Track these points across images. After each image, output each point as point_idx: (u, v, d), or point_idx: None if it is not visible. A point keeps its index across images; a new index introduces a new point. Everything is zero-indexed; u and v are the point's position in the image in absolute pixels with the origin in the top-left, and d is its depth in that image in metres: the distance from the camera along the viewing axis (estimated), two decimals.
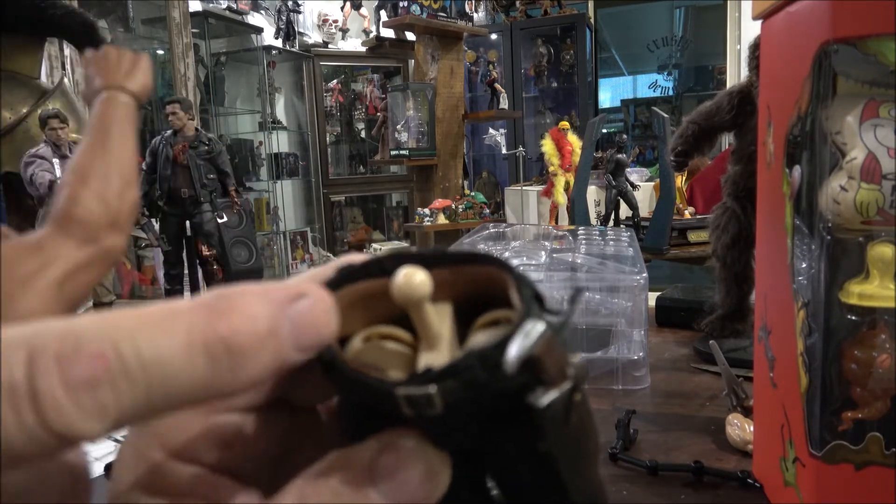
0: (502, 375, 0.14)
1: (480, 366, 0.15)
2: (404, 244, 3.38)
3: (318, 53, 4.13)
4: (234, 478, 0.18)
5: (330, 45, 4.25)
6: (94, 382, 0.12)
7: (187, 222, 1.19)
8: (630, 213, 2.58)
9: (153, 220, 1.20)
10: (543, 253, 1.04)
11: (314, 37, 4.25)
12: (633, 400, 0.77)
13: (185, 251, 1.21)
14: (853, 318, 0.41)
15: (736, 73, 3.51)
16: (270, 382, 0.18)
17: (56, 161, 1.03)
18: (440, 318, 0.18)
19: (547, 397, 0.15)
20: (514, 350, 0.15)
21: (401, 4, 3.19)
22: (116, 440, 0.76)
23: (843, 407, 0.41)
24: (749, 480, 0.56)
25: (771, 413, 0.51)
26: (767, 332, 0.51)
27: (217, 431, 0.18)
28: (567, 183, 2.88)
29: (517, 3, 4.70)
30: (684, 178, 2.69)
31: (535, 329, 0.15)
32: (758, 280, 0.56)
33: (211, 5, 3.28)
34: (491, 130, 3.88)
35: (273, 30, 3.86)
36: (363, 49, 3.96)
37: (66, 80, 1.73)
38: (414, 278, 0.16)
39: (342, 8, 4.16)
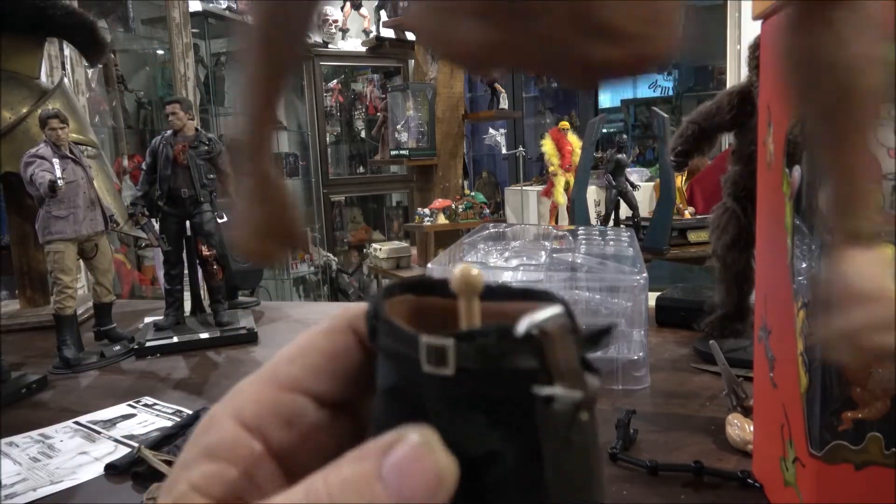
0: (511, 346, 0.16)
1: (496, 336, 0.16)
2: (404, 244, 3.38)
3: (318, 53, 4.13)
4: (285, 466, 0.19)
5: (330, 45, 4.24)
6: None
7: (187, 222, 1.19)
8: (630, 213, 2.58)
9: (153, 220, 1.20)
10: (543, 253, 1.04)
11: (314, 37, 4.24)
12: (633, 400, 0.77)
13: (185, 251, 1.21)
14: None
15: (736, 73, 3.51)
16: (342, 383, 0.20)
17: (56, 161, 1.02)
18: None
19: (550, 389, 0.16)
20: (526, 320, 0.16)
21: (401, 4, 3.19)
22: (118, 440, 0.76)
23: (843, 407, 0.41)
24: (749, 480, 0.56)
25: (771, 413, 0.51)
26: (767, 332, 0.51)
27: (285, 408, 0.19)
28: (567, 183, 2.87)
29: None
30: (684, 178, 2.68)
31: (550, 308, 0.16)
32: (758, 280, 0.56)
33: (211, 5, 3.28)
34: (491, 130, 3.87)
35: None
36: (363, 49, 3.96)
37: (66, 80, 1.73)
38: (471, 272, 0.18)
39: (342, 8, 4.16)
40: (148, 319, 1.26)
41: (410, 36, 3.34)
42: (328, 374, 0.20)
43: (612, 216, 2.64)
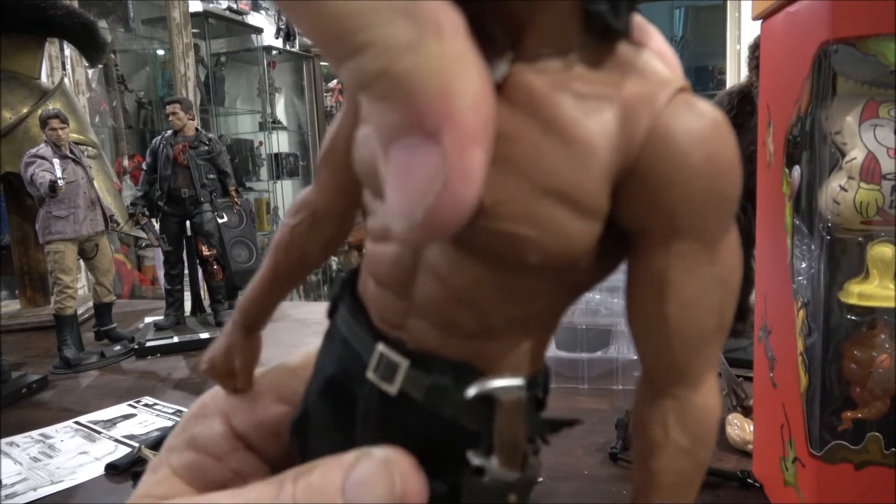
0: (460, 397, 0.14)
1: (451, 375, 0.15)
2: None
3: (318, 53, 4.13)
4: (272, 466, 0.20)
5: None
6: None
7: (187, 222, 1.19)
8: None
9: (153, 220, 1.21)
10: None
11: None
12: None
13: (185, 251, 1.21)
14: (853, 318, 0.41)
15: (736, 73, 3.51)
16: None
17: (56, 161, 1.02)
18: None
19: (482, 459, 0.15)
20: (480, 384, 0.15)
21: None
22: (118, 440, 0.76)
23: (843, 407, 0.41)
24: (749, 480, 0.56)
25: (771, 413, 0.51)
26: (767, 332, 0.51)
27: (274, 421, 0.20)
28: None
29: None
30: None
31: (511, 381, 0.15)
32: (758, 280, 0.56)
33: (211, 5, 3.28)
34: None
35: (273, 30, 3.86)
36: None
37: (66, 80, 1.73)
38: None
39: None
40: (148, 319, 1.26)
41: None
42: None
43: None
